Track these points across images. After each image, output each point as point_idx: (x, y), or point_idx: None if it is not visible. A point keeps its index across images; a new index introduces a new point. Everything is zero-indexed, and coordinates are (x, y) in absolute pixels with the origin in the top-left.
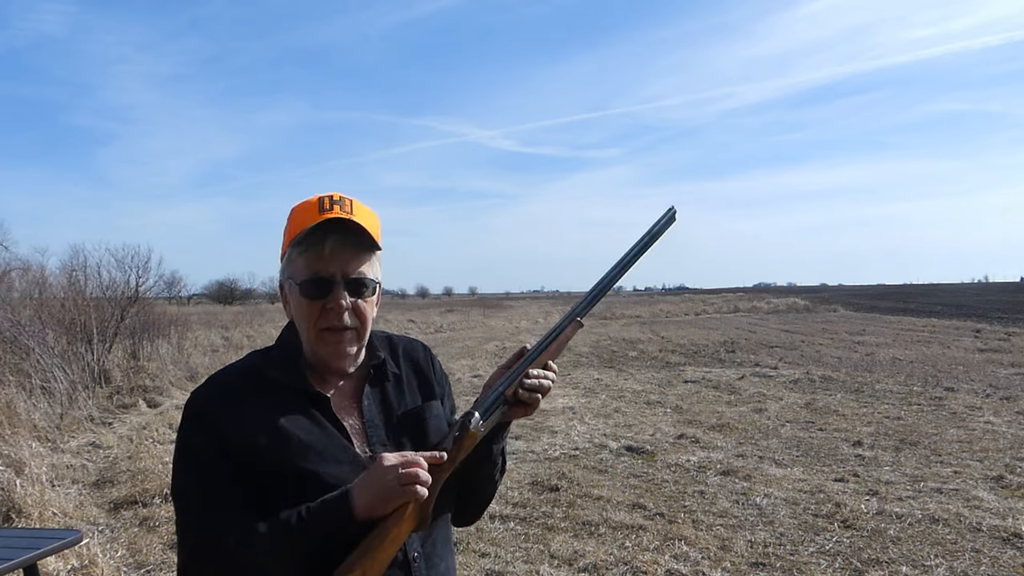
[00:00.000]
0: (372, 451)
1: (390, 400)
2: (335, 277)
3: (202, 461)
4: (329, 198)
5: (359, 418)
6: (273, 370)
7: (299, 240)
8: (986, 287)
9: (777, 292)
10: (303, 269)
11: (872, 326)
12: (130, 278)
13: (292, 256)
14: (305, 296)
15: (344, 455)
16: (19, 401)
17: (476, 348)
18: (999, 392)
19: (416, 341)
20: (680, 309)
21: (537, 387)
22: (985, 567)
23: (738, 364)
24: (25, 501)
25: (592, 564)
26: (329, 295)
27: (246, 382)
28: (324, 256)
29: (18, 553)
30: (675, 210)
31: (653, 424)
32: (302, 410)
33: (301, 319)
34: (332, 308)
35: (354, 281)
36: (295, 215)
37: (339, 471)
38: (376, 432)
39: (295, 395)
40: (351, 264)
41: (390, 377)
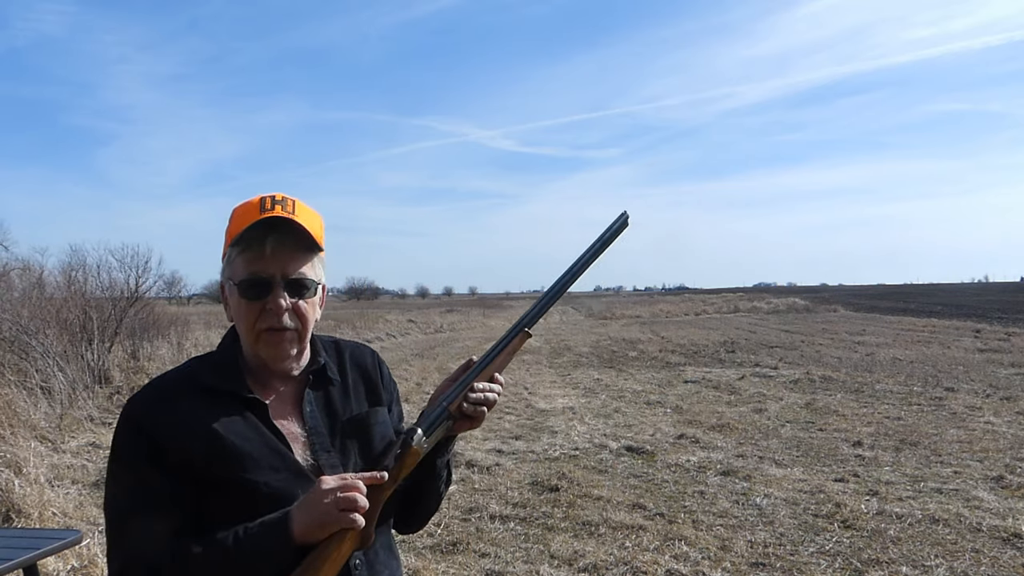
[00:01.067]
0: (315, 459)
1: (335, 405)
2: (275, 277)
3: (134, 471)
4: (271, 198)
5: (301, 424)
6: (211, 375)
7: (238, 239)
8: (986, 287)
9: (777, 292)
10: (242, 269)
11: (872, 326)
12: (130, 278)
13: (232, 256)
14: (244, 296)
15: (282, 463)
16: (19, 401)
17: (476, 348)
18: (999, 392)
19: (364, 346)
20: (680, 309)
21: (482, 400)
22: (985, 567)
23: (738, 364)
24: (25, 501)
25: (592, 564)
26: (268, 295)
27: (183, 387)
28: (264, 256)
29: (18, 553)
30: (627, 215)
31: (653, 424)
32: (239, 417)
33: (240, 320)
34: (271, 309)
35: (294, 282)
36: (236, 215)
37: (276, 480)
38: (320, 439)
39: (232, 401)
40: (291, 265)
41: (334, 382)
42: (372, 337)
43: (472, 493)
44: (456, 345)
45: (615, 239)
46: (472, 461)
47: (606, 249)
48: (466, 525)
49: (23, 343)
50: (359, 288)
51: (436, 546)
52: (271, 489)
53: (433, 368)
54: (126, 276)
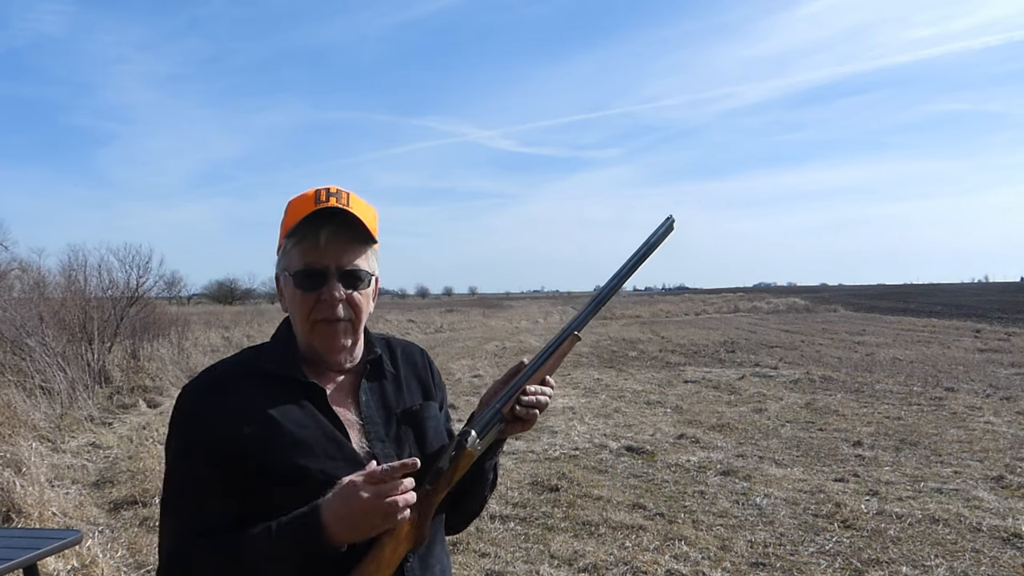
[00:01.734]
0: (371, 447)
1: (388, 398)
2: (329, 268)
3: (186, 460)
4: (326, 190)
5: (356, 413)
6: (267, 362)
7: (294, 231)
8: (986, 287)
9: (777, 292)
10: (298, 260)
11: (872, 326)
12: (130, 278)
13: (287, 247)
14: (299, 287)
15: (339, 451)
16: (19, 401)
17: (476, 348)
18: (999, 392)
19: (415, 345)
20: (680, 309)
21: (534, 403)
22: (985, 567)
23: (738, 364)
24: (25, 501)
25: (592, 564)
26: (323, 286)
27: (239, 374)
28: (319, 247)
29: (18, 553)
30: (673, 219)
31: (653, 424)
32: (296, 403)
33: (295, 311)
34: (326, 300)
35: (349, 273)
36: (291, 206)
37: (332, 467)
38: (375, 428)
39: (289, 387)
40: (346, 256)
41: (387, 375)
42: None
43: None
44: (456, 345)
45: (661, 242)
46: None
47: (652, 253)
48: None
49: (23, 343)
50: None
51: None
52: (327, 477)
53: None
54: (126, 276)
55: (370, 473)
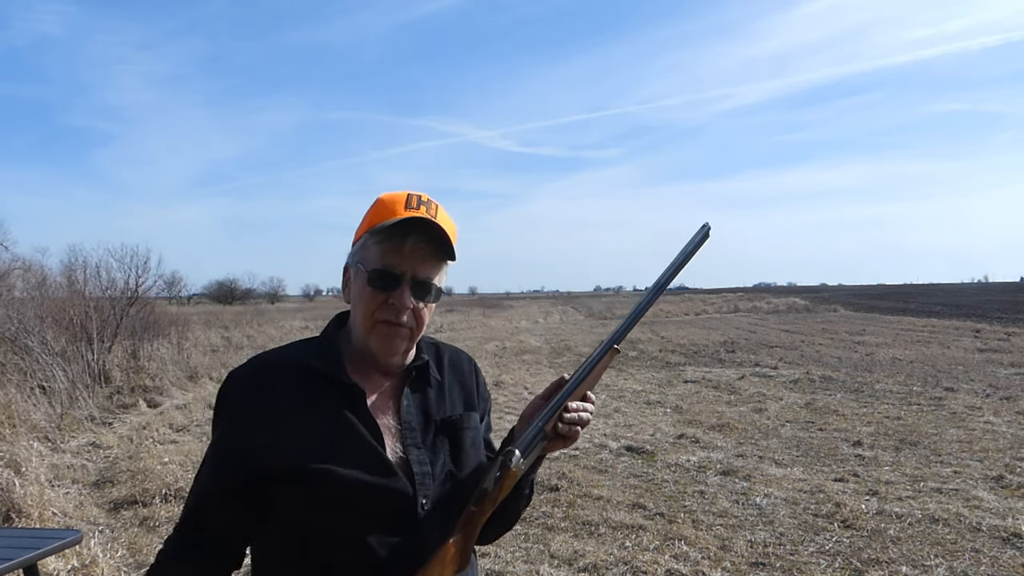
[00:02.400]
0: (405, 453)
1: (430, 405)
2: (405, 275)
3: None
4: (417, 197)
5: (396, 418)
6: (313, 359)
7: (381, 229)
8: (986, 287)
9: (777, 292)
10: (377, 258)
11: (872, 326)
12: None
13: (368, 242)
14: (371, 284)
15: (369, 456)
16: (19, 401)
17: (476, 348)
18: (999, 392)
19: (464, 353)
20: (680, 309)
21: (577, 420)
22: (985, 567)
23: (738, 364)
24: (25, 501)
25: (592, 564)
26: (395, 290)
27: (282, 368)
28: (403, 252)
29: (18, 553)
30: (709, 226)
31: (653, 424)
32: (335, 404)
33: (360, 306)
34: (394, 304)
35: (422, 283)
36: (381, 204)
37: (361, 473)
38: (412, 434)
39: (330, 386)
40: (424, 267)
41: (432, 382)
42: None
43: None
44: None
45: (697, 251)
46: None
47: (689, 261)
48: None
49: (23, 343)
50: None
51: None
52: (356, 480)
53: None
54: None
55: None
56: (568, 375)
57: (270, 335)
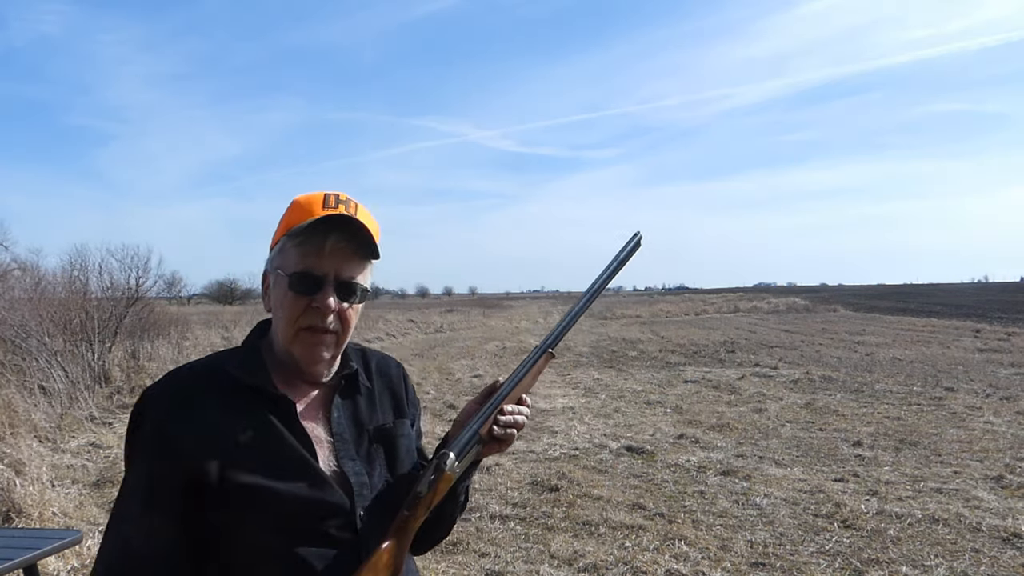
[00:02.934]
0: (339, 465)
1: (361, 414)
2: (328, 276)
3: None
4: (335, 196)
5: (327, 430)
6: (236, 369)
7: (299, 231)
8: (986, 287)
9: (777, 292)
10: (296, 261)
11: (872, 326)
12: (130, 278)
13: (287, 246)
14: (292, 289)
15: (303, 469)
16: (19, 401)
17: (476, 348)
18: (999, 392)
19: (391, 358)
20: (680, 309)
21: (512, 423)
22: (985, 567)
23: (738, 364)
24: (25, 501)
25: (592, 564)
26: (318, 293)
27: (204, 381)
28: (323, 253)
29: (18, 553)
30: (641, 235)
31: (653, 424)
32: (263, 417)
33: (282, 313)
34: (318, 307)
35: (345, 284)
36: (297, 205)
37: (296, 488)
38: (345, 446)
39: (257, 398)
40: (347, 266)
41: (362, 390)
42: (372, 337)
43: (472, 493)
44: (456, 345)
45: (630, 258)
46: None
47: (621, 269)
48: (466, 525)
49: (23, 343)
50: None
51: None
52: (291, 496)
53: (433, 368)
54: (126, 276)
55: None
56: (502, 379)
57: None
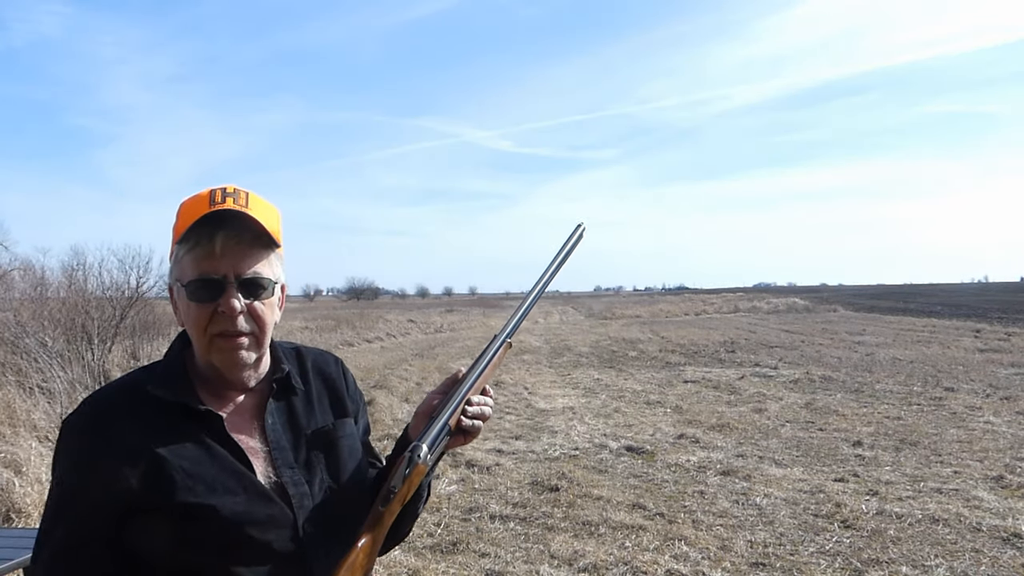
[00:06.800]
0: (278, 476)
1: (298, 418)
2: (227, 277)
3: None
4: (222, 190)
5: (262, 439)
6: (158, 387)
7: (185, 236)
8: (986, 287)
9: (777, 292)
10: (191, 269)
11: (872, 326)
12: (131, 278)
13: (179, 255)
14: (193, 299)
15: (239, 484)
16: (19, 401)
17: (476, 348)
18: (999, 392)
19: (328, 353)
20: (680, 309)
21: (479, 414)
22: (985, 567)
23: (738, 364)
24: (25, 501)
25: (592, 564)
26: (220, 297)
27: (124, 402)
28: (214, 254)
29: (18, 553)
30: (584, 226)
31: (653, 424)
32: (190, 434)
33: (191, 325)
34: (224, 311)
35: (248, 281)
36: (183, 210)
37: (233, 503)
38: (282, 454)
39: (182, 415)
40: (245, 262)
41: (297, 392)
42: (372, 337)
43: (472, 493)
44: (456, 345)
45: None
46: (472, 461)
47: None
48: (466, 525)
49: (23, 343)
50: (359, 288)
51: (436, 546)
52: (229, 513)
53: (433, 368)
54: (127, 276)
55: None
56: (463, 370)
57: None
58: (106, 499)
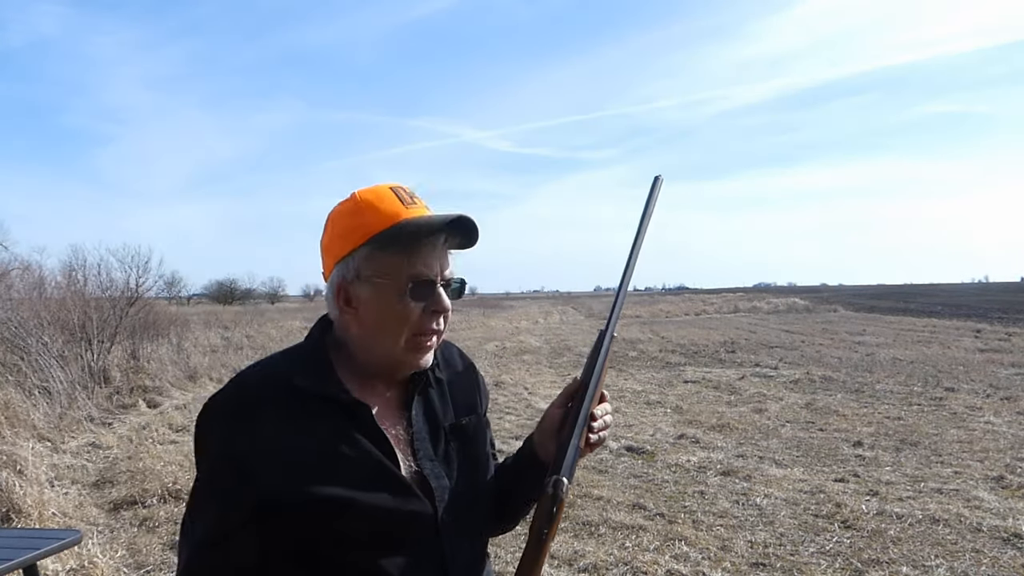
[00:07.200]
0: (419, 466)
1: (435, 410)
2: (440, 278)
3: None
4: (404, 190)
5: (406, 431)
6: (304, 376)
7: (395, 236)
8: (986, 287)
9: (777, 292)
10: (406, 268)
11: (872, 326)
12: (130, 278)
13: (374, 253)
14: (413, 297)
15: (384, 478)
16: (18, 401)
17: (476, 348)
18: (999, 392)
19: (452, 345)
20: (680, 309)
21: (604, 426)
22: (985, 567)
23: (738, 364)
24: (25, 501)
25: (592, 564)
26: (432, 296)
27: (270, 394)
28: (432, 255)
29: (18, 553)
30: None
31: (653, 424)
32: (336, 425)
33: (395, 322)
34: (436, 310)
35: (452, 282)
36: (371, 206)
37: (376, 499)
38: (424, 447)
39: (329, 407)
40: (447, 264)
41: (433, 384)
42: None
43: None
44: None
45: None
46: None
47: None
48: None
49: (23, 343)
50: None
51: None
52: (375, 507)
53: None
54: (126, 276)
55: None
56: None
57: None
58: (250, 492)
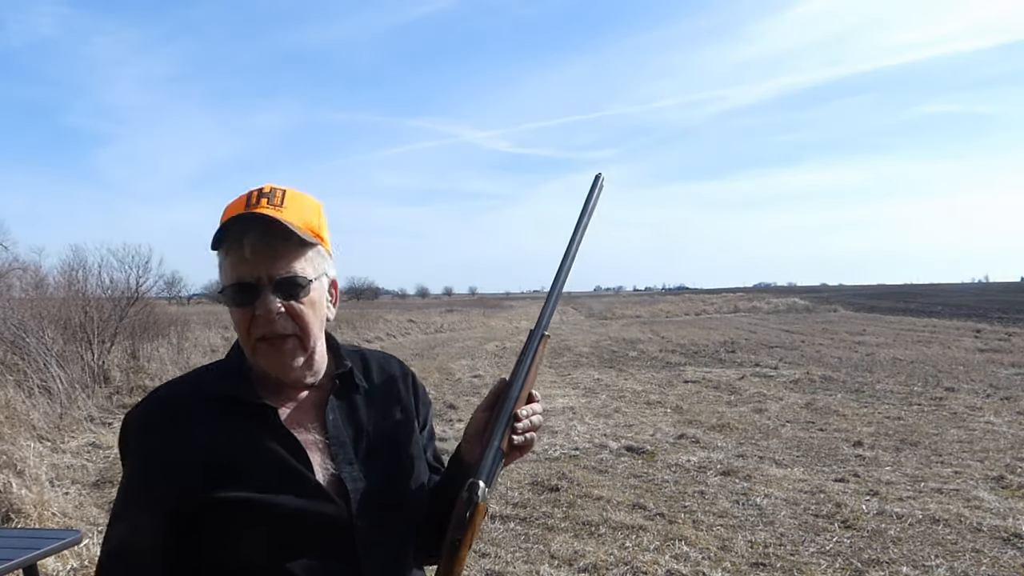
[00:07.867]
0: (337, 470)
1: (359, 414)
2: (261, 280)
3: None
4: (258, 192)
5: (322, 434)
6: (218, 383)
7: (217, 242)
8: (986, 287)
9: (777, 292)
10: (229, 274)
11: (872, 326)
12: (130, 278)
13: (220, 261)
14: (232, 303)
15: (292, 479)
16: (18, 401)
17: (476, 348)
18: (999, 392)
19: (392, 356)
20: (680, 309)
21: (530, 427)
22: (985, 567)
23: (738, 364)
24: (24, 501)
25: (592, 564)
26: (256, 300)
27: (186, 398)
28: (245, 258)
29: (18, 553)
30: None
31: (653, 424)
32: (247, 428)
33: (237, 329)
34: (261, 315)
35: (283, 282)
36: (224, 215)
37: (284, 499)
38: (342, 449)
39: (238, 411)
40: (278, 263)
41: (359, 390)
42: (372, 337)
43: None
44: (456, 345)
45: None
46: None
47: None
48: None
49: (23, 343)
50: (359, 288)
51: None
52: (285, 509)
53: (433, 368)
54: (126, 276)
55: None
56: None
57: None
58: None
